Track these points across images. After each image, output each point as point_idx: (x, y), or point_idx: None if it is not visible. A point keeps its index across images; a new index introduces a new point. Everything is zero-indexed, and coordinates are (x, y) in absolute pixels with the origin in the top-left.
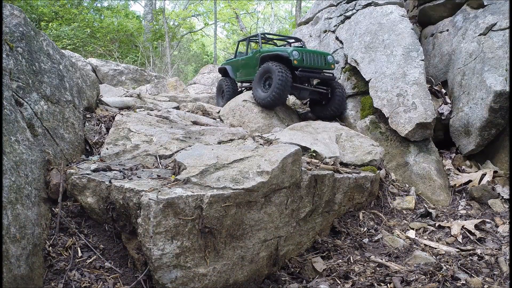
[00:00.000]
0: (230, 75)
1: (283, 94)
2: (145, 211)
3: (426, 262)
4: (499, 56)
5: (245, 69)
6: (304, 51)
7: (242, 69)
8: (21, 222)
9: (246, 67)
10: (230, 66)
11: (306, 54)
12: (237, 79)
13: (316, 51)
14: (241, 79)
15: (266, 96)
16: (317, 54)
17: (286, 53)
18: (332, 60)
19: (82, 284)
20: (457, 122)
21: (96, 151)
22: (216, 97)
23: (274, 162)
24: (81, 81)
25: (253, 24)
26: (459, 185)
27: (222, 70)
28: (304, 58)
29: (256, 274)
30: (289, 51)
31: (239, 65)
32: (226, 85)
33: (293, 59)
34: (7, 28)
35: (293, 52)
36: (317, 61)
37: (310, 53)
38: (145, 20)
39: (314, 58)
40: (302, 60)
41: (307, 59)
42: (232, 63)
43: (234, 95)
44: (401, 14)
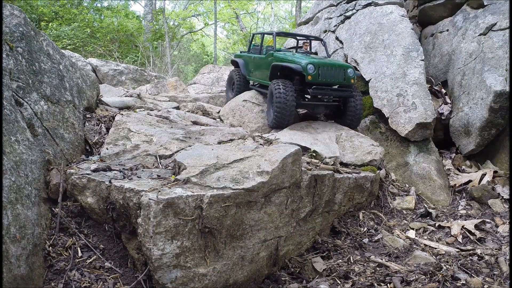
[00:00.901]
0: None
1: (284, 117)
2: (145, 211)
3: (426, 262)
4: (499, 56)
5: (256, 70)
6: (321, 64)
7: (253, 69)
8: (21, 222)
9: (257, 67)
10: (242, 60)
11: (323, 68)
12: (248, 77)
13: (335, 63)
14: (251, 79)
15: (271, 119)
16: (336, 67)
17: (300, 67)
18: (352, 74)
19: (82, 284)
20: (457, 122)
21: (96, 151)
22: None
23: (274, 162)
24: (81, 81)
25: (253, 24)
26: (459, 185)
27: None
28: (320, 73)
29: (256, 274)
30: (304, 65)
31: (250, 62)
32: (238, 77)
33: (307, 74)
34: (7, 28)
35: (308, 66)
36: (335, 76)
37: (327, 66)
38: (145, 20)
39: (332, 72)
40: (318, 76)
41: (324, 74)
42: (244, 58)
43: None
44: (401, 14)
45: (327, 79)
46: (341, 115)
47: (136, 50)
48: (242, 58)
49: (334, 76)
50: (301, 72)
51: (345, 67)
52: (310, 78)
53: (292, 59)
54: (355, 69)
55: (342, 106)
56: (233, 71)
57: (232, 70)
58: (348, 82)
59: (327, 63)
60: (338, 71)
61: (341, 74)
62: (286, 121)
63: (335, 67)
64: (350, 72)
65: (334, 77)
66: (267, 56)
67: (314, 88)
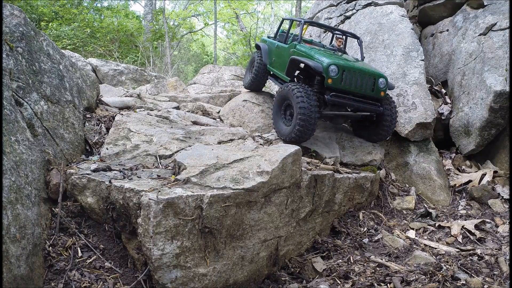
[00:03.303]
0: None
1: (308, 130)
2: (145, 211)
3: (426, 262)
4: (499, 56)
5: (277, 60)
6: (346, 67)
7: (275, 58)
8: (21, 222)
9: (279, 58)
10: (266, 46)
11: (348, 72)
12: (268, 67)
13: (365, 68)
14: (271, 69)
15: (289, 132)
16: (364, 73)
17: (321, 67)
18: (383, 86)
19: (82, 284)
20: (457, 122)
21: (96, 151)
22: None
23: (274, 162)
24: (81, 81)
25: (253, 24)
26: (459, 185)
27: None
28: (343, 78)
29: (256, 274)
30: (325, 65)
31: (273, 51)
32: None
33: (328, 76)
34: (7, 28)
35: (330, 67)
36: (362, 84)
37: (354, 70)
38: (145, 20)
39: (359, 79)
40: (340, 80)
41: (348, 80)
42: (268, 44)
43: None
44: (401, 14)
45: (351, 87)
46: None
47: (136, 50)
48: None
49: (361, 85)
50: (321, 72)
51: (376, 75)
52: (330, 82)
53: (314, 56)
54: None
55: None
56: (256, 54)
57: (255, 52)
58: (377, 94)
59: (355, 67)
60: (366, 79)
61: (370, 84)
62: (309, 134)
63: (363, 73)
64: (381, 83)
65: (361, 86)
66: (289, 47)
67: (333, 95)
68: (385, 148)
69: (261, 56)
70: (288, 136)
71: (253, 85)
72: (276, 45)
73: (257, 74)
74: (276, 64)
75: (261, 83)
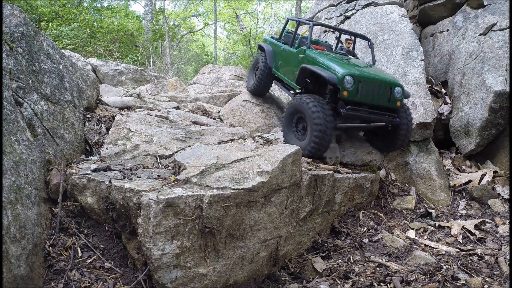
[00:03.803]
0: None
1: (324, 143)
2: (145, 211)
3: (426, 262)
4: (499, 56)
5: (284, 65)
6: (362, 78)
7: (281, 62)
8: (21, 222)
9: (285, 62)
10: (270, 48)
11: (364, 83)
12: (274, 71)
13: (381, 77)
14: (277, 73)
15: (303, 147)
16: (380, 82)
17: (335, 78)
18: (400, 95)
19: (82, 284)
20: (457, 122)
21: (96, 151)
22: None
23: (274, 162)
24: (81, 81)
25: (253, 24)
26: (459, 185)
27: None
28: (360, 89)
29: (256, 274)
30: (340, 76)
31: (279, 54)
32: (263, 64)
33: (343, 89)
34: (7, 28)
35: (345, 78)
36: (379, 95)
37: (371, 81)
38: (145, 20)
39: (375, 90)
40: (356, 92)
41: (365, 91)
42: (273, 45)
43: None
44: (401, 14)
45: (368, 99)
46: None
47: (136, 50)
48: (271, 45)
49: (377, 96)
50: (335, 84)
51: (392, 84)
52: (345, 95)
53: (327, 64)
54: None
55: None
56: (260, 55)
57: (258, 53)
58: (394, 105)
59: (371, 77)
60: (383, 89)
61: (386, 94)
62: (324, 150)
63: (379, 83)
64: (397, 92)
65: (377, 97)
66: (298, 52)
67: (350, 108)
68: None
69: (265, 59)
70: (304, 150)
71: (258, 90)
72: (282, 48)
73: (262, 79)
74: (282, 69)
75: (266, 88)
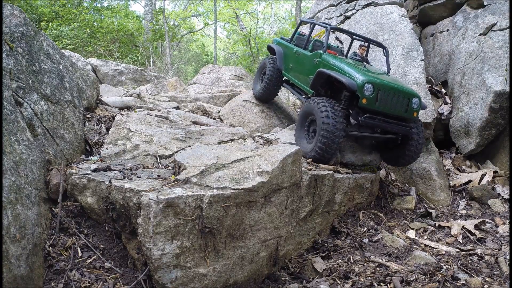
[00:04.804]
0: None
1: (331, 149)
2: (145, 211)
3: (426, 262)
4: (499, 56)
5: (296, 68)
6: (382, 85)
7: (293, 65)
8: (21, 222)
9: (298, 65)
10: (280, 49)
11: (383, 92)
12: (284, 73)
13: (400, 87)
14: (288, 76)
15: (310, 150)
16: (399, 92)
17: (355, 84)
18: (417, 106)
19: (82, 284)
20: (457, 122)
21: (96, 151)
22: (254, 79)
23: (274, 162)
24: (81, 81)
25: (253, 24)
26: (459, 185)
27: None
28: (379, 97)
29: (256, 274)
30: (360, 83)
31: (290, 56)
32: (271, 68)
33: (363, 96)
34: (7, 28)
35: (365, 86)
36: (396, 105)
37: (390, 90)
38: (145, 20)
39: (394, 99)
40: (375, 100)
41: (383, 100)
42: (284, 47)
43: (276, 83)
44: (401, 14)
45: (386, 108)
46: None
47: (136, 50)
48: (282, 46)
49: (395, 105)
50: (355, 91)
51: (410, 95)
52: (364, 102)
53: (346, 70)
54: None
55: (399, 141)
56: (268, 59)
57: (267, 57)
58: (410, 115)
59: (390, 85)
60: (401, 99)
61: (404, 104)
62: (331, 154)
63: (398, 92)
64: (414, 103)
65: (395, 107)
66: (313, 55)
67: (367, 117)
68: None
69: (273, 62)
70: (308, 154)
71: (265, 95)
72: (295, 50)
73: (270, 82)
74: (295, 72)
75: (275, 92)
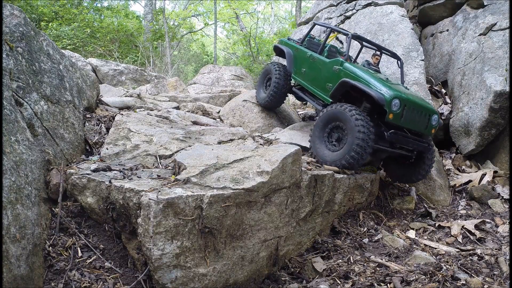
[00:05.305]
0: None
1: (363, 157)
2: (145, 211)
3: (426, 262)
4: (499, 56)
5: (310, 73)
6: (408, 101)
7: (306, 69)
8: (21, 222)
9: (313, 70)
10: (290, 51)
11: (409, 108)
12: (294, 76)
13: (423, 103)
14: (299, 80)
15: (339, 157)
16: (422, 108)
17: (384, 99)
18: (436, 123)
19: (82, 284)
20: (457, 122)
21: (96, 151)
22: (257, 86)
23: (274, 162)
24: (81, 81)
25: (253, 24)
26: (459, 185)
27: (277, 49)
28: (404, 114)
29: (256, 274)
30: (388, 98)
31: (303, 60)
32: (278, 73)
33: (390, 111)
34: (7, 28)
35: (393, 101)
36: (419, 121)
37: (415, 106)
38: (145, 20)
39: (417, 115)
40: (401, 116)
41: (408, 116)
42: (296, 49)
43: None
44: (401, 14)
45: (409, 124)
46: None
47: (136, 50)
48: (292, 48)
49: (417, 122)
50: (383, 105)
51: (431, 111)
52: (391, 118)
53: (372, 83)
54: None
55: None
56: (272, 65)
57: (271, 63)
58: (429, 132)
59: (415, 101)
60: (423, 115)
61: (425, 121)
62: (363, 160)
63: (421, 108)
64: (434, 120)
65: (417, 123)
66: (333, 63)
67: (393, 132)
68: None
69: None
70: (335, 163)
71: (273, 103)
72: (309, 55)
73: (277, 90)
74: (308, 77)
75: (282, 99)
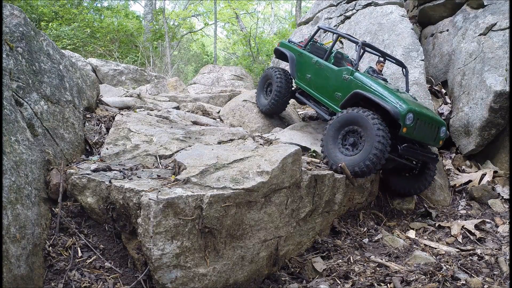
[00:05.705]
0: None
1: (379, 164)
2: (145, 211)
3: (426, 262)
4: (499, 56)
5: (316, 80)
6: (420, 114)
7: (311, 76)
8: (21, 222)
9: (319, 77)
10: (293, 56)
11: (421, 121)
12: (297, 82)
13: (433, 116)
14: (303, 86)
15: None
16: (433, 120)
17: (398, 113)
18: (444, 134)
19: (82, 284)
20: (457, 122)
21: (96, 151)
22: (257, 92)
23: (274, 162)
24: (81, 81)
25: (253, 24)
26: (459, 185)
27: (278, 52)
28: (416, 127)
29: (256, 274)
30: (403, 112)
31: (308, 65)
32: (279, 79)
33: (404, 125)
34: (7, 28)
35: (408, 115)
36: (429, 134)
37: (426, 119)
38: (145, 20)
39: (427, 128)
40: (413, 130)
41: (420, 129)
42: (299, 54)
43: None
44: (401, 14)
45: (421, 137)
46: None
47: (136, 50)
48: (295, 52)
49: (428, 134)
50: (397, 119)
51: (440, 124)
52: (405, 131)
53: (385, 95)
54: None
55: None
56: (273, 71)
57: (271, 68)
58: (437, 144)
59: (426, 114)
60: (433, 128)
61: (434, 133)
62: (374, 171)
63: (432, 121)
64: (442, 132)
65: (427, 135)
66: (342, 71)
67: (406, 146)
68: None
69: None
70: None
71: (275, 109)
72: (315, 61)
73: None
74: (315, 84)
75: (284, 106)
